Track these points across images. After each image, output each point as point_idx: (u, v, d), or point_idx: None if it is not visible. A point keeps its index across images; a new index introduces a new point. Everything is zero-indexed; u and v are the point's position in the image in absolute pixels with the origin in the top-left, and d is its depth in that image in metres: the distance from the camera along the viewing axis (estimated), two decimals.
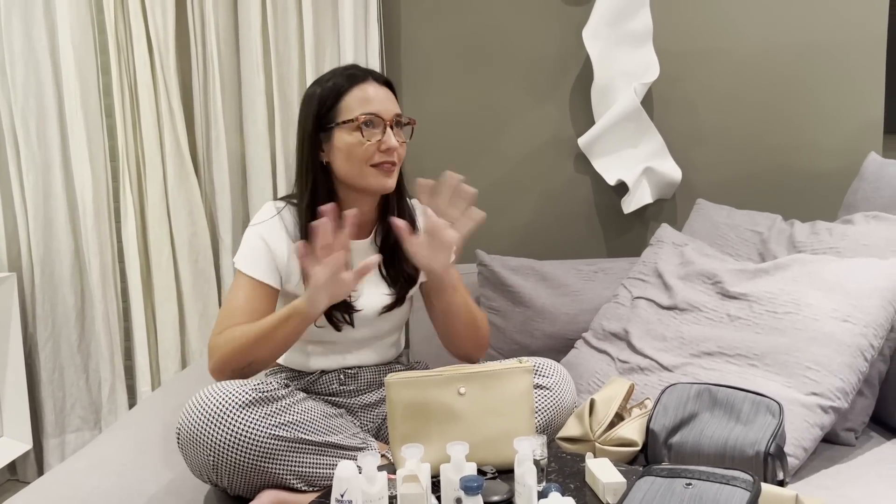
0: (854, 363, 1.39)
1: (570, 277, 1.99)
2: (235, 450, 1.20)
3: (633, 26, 2.05)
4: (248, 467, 1.21)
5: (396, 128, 1.42)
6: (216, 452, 1.20)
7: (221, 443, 1.19)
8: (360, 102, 1.39)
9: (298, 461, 1.25)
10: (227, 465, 1.21)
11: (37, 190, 2.19)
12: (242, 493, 1.28)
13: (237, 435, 1.20)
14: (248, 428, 1.20)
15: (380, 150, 1.38)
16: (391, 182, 1.41)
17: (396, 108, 1.43)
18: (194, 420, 1.21)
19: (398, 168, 1.44)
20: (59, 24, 2.12)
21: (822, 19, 2.10)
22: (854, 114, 2.14)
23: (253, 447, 1.20)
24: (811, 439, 1.34)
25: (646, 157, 2.10)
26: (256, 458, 1.21)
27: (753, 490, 0.91)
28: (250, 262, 1.41)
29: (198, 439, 1.21)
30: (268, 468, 1.22)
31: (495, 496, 1.09)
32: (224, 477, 1.23)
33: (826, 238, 1.67)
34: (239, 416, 1.20)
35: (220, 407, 1.20)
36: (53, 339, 2.26)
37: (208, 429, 1.20)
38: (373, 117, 1.38)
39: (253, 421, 1.21)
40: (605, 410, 1.39)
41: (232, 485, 1.25)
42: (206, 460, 1.21)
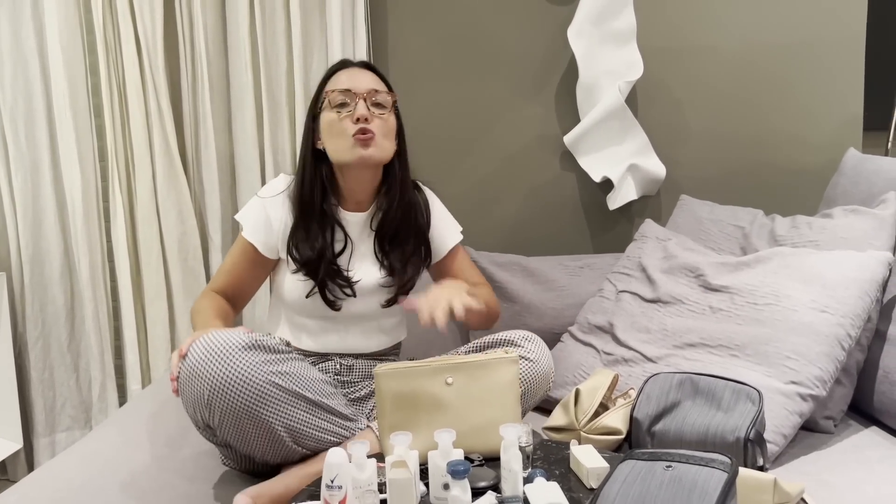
0: (832, 352, 1.43)
1: (557, 273, 2.02)
2: (232, 388, 1.22)
3: (617, 25, 2.07)
4: (240, 408, 1.23)
5: (373, 105, 1.47)
6: (213, 388, 1.22)
7: (219, 379, 1.22)
8: (335, 84, 1.49)
9: (290, 414, 1.28)
10: (221, 402, 1.23)
11: (26, 190, 2.20)
12: (231, 441, 1.30)
13: (235, 373, 1.22)
14: (247, 369, 1.24)
15: (353, 122, 1.44)
16: (370, 152, 1.45)
17: (373, 85, 1.49)
18: (197, 356, 1.24)
19: (383, 141, 1.47)
20: (47, 25, 2.13)
21: (803, 18, 2.14)
22: (834, 111, 2.18)
23: (249, 388, 1.23)
24: (790, 426, 1.37)
25: (630, 155, 2.13)
26: (251, 399, 1.23)
27: (731, 471, 0.93)
28: (249, 223, 1.54)
29: (197, 374, 1.23)
30: (260, 413, 1.24)
31: (482, 482, 1.12)
32: (216, 415, 1.25)
33: (806, 232, 1.71)
34: (240, 356, 1.24)
35: (222, 346, 1.24)
36: (43, 338, 2.26)
37: (209, 365, 1.22)
38: (346, 94, 1.46)
39: (252, 364, 1.24)
40: (589, 400, 1.42)
41: (222, 427, 1.27)
42: (201, 396, 1.23)
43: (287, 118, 2.20)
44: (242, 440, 1.29)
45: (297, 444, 1.30)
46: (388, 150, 1.49)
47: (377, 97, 1.47)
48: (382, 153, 1.48)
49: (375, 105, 1.47)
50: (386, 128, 1.48)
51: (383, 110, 1.48)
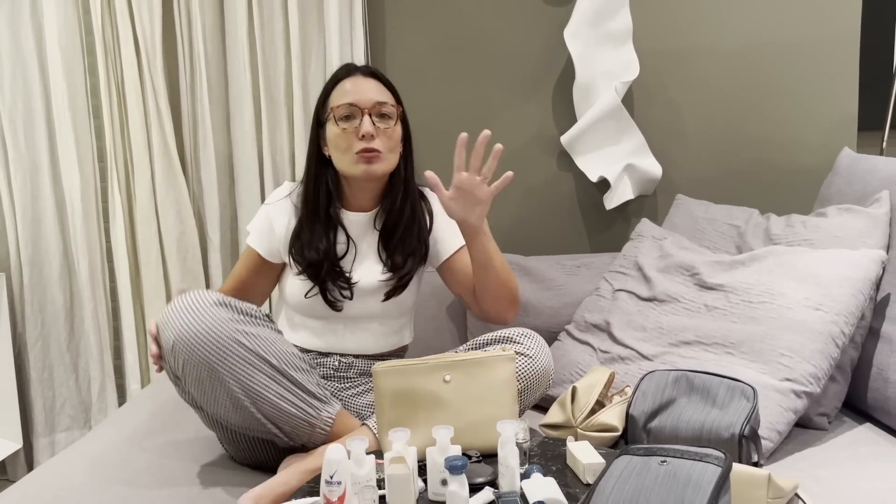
0: (826, 350, 1.44)
1: (554, 272, 2.03)
2: (195, 338, 1.25)
3: (613, 26, 2.09)
4: (201, 360, 1.26)
5: (378, 117, 1.47)
6: (178, 336, 1.26)
7: (185, 328, 1.26)
8: (341, 95, 1.49)
9: (250, 375, 1.29)
10: (184, 351, 1.26)
11: (25, 191, 2.21)
12: (196, 396, 1.33)
13: (200, 324, 1.26)
14: (213, 322, 1.27)
15: (358, 138, 1.45)
16: (374, 168, 1.46)
17: (380, 97, 1.48)
18: (170, 309, 1.29)
19: (388, 155, 1.48)
20: (45, 26, 2.14)
21: (798, 19, 2.16)
22: (829, 111, 2.19)
23: (211, 340, 1.26)
24: (785, 423, 1.39)
25: (627, 155, 2.14)
26: (211, 352, 1.26)
27: (724, 466, 0.95)
28: (254, 231, 1.58)
29: (166, 323, 1.28)
30: (218, 367, 1.27)
31: (479, 478, 1.13)
32: (180, 363, 1.28)
33: (800, 230, 1.72)
34: (208, 310, 1.28)
35: (193, 300, 1.29)
36: (43, 338, 2.27)
37: (178, 315, 1.27)
38: (351, 108, 1.46)
39: (219, 319, 1.28)
40: (586, 398, 1.43)
41: (186, 379, 1.30)
42: (167, 342, 1.27)
43: (286, 118, 2.21)
44: (204, 396, 1.32)
45: (256, 408, 1.31)
46: (392, 161, 1.51)
47: (383, 109, 1.47)
48: (387, 166, 1.49)
49: (381, 117, 1.47)
50: (391, 140, 1.49)
51: (388, 122, 1.48)
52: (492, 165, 1.41)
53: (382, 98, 1.49)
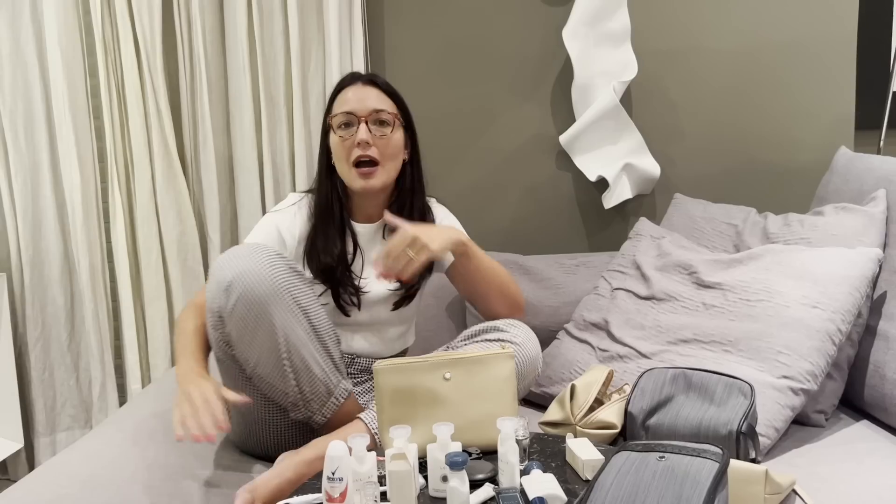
0: (823, 347, 1.45)
1: (553, 271, 2.04)
2: (254, 277, 1.28)
3: (611, 26, 2.10)
4: (255, 298, 1.28)
5: (376, 124, 1.48)
6: (237, 273, 1.29)
7: (245, 267, 1.29)
8: (341, 104, 1.51)
9: (293, 327, 1.32)
10: (240, 286, 1.28)
11: (25, 191, 2.21)
12: (234, 335, 1.33)
13: (261, 267, 1.30)
14: (272, 269, 1.31)
15: (355, 146, 1.46)
16: (371, 183, 1.48)
17: (378, 104, 1.49)
18: (233, 251, 1.33)
19: (387, 164, 1.49)
20: (46, 27, 2.14)
21: (795, 18, 2.17)
22: (826, 110, 2.20)
23: (268, 283, 1.29)
24: (782, 420, 1.40)
25: (625, 154, 2.15)
26: (266, 294, 1.29)
27: (722, 461, 0.96)
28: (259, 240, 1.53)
29: (226, 263, 1.30)
30: (271, 311, 1.29)
31: (480, 474, 1.14)
32: (232, 299, 1.29)
33: (798, 229, 1.73)
34: (269, 258, 1.31)
35: (259, 248, 1.33)
36: (43, 338, 2.28)
37: (242, 258, 1.30)
38: (348, 116, 1.48)
39: (278, 268, 1.32)
40: (585, 395, 1.44)
41: (233, 314, 1.30)
42: (224, 279, 1.29)
43: (285, 119, 2.22)
44: (244, 337, 1.32)
45: (289, 359, 1.33)
46: (391, 171, 1.51)
47: (380, 116, 1.48)
48: (385, 178, 1.50)
49: (378, 124, 1.48)
50: (389, 148, 1.49)
51: (386, 129, 1.49)
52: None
53: (380, 105, 1.49)
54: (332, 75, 2.14)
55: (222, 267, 1.31)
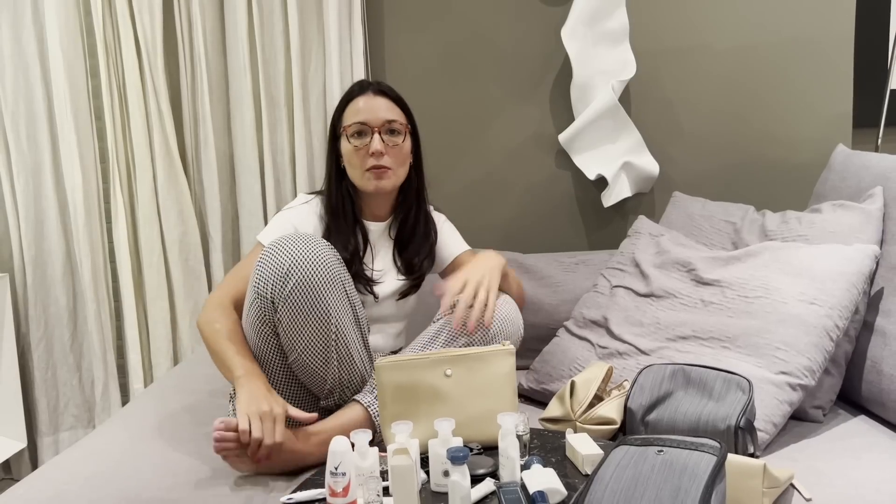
0: (820, 343, 1.46)
1: (553, 269, 2.05)
2: (313, 264, 1.32)
3: (610, 26, 2.11)
4: (312, 286, 1.32)
5: (388, 133, 1.55)
6: (294, 260, 1.32)
7: (303, 255, 1.33)
8: (353, 114, 1.57)
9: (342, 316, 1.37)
10: (298, 273, 1.31)
11: (27, 192, 2.23)
12: (286, 322, 1.35)
13: (319, 256, 1.34)
14: (329, 259, 1.35)
15: (368, 155, 1.53)
16: (383, 183, 1.55)
17: (389, 114, 1.56)
18: (287, 239, 1.35)
19: (398, 170, 1.57)
20: (47, 28, 2.16)
21: (793, 17, 2.18)
22: (824, 108, 2.21)
23: (326, 271, 1.34)
24: (780, 415, 1.41)
25: (624, 153, 2.16)
26: (324, 281, 1.33)
27: (720, 455, 0.97)
28: (271, 236, 1.54)
29: (282, 249, 1.33)
30: (327, 296, 1.33)
31: (481, 469, 1.15)
32: (289, 285, 1.31)
33: (795, 226, 1.75)
34: (325, 248, 1.36)
35: (312, 238, 1.37)
36: (46, 338, 2.29)
37: (297, 245, 1.34)
38: (361, 126, 1.55)
39: (333, 259, 1.37)
40: (584, 392, 1.45)
41: (289, 301, 1.32)
42: (281, 266, 1.32)
43: (286, 119, 2.23)
44: (294, 326, 1.34)
45: (336, 347, 1.37)
46: (401, 175, 1.59)
47: (392, 126, 1.56)
48: (396, 180, 1.58)
49: (390, 133, 1.56)
50: (401, 156, 1.57)
51: (397, 137, 1.56)
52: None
53: (391, 116, 1.56)
54: (332, 75, 2.15)
55: (277, 254, 1.34)
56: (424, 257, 1.67)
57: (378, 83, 1.62)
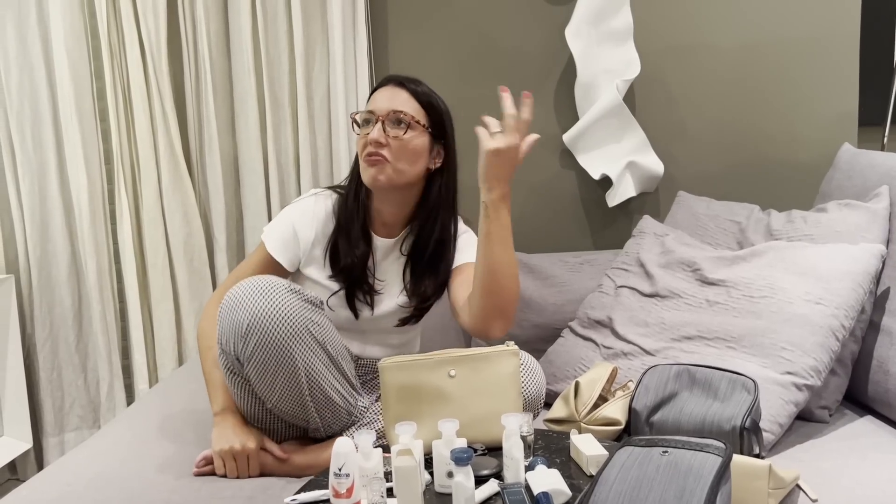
0: (826, 343, 1.45)
1: (557, 269, 2.05)
2: (272, 321, 1.28)
3: (614, 25, 2.10)
4: (275, 342, 1.28)
5: (391, 124, 1.45)
6: (253, 318, 1.28)
7: (261, 311, 1.28)
8: (368, 103, 1.51)
9: (313, 363, 1.33)
10: (258, 333, 1.28)
11: (33, 193, 2.23)
12: (254, 378, 1.34)
13: (277, 309, 1.29)
14: (289, 308, 1.30)
15: (369, 144, 1.45)
16: (374, 172, 1.44)
17: (399, 105, 1.46)
18: (242, 291, 1.30)
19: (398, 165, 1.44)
20: (52, 30, 2.16)
21: (798, 16, 2.17)
22: (829, 107, 2.20)
23: (287, 325, 1.29)
24: (786, 415, 1.40)
25: (629, 152, 2.16)
26: (286, 336, 1.29)
27: (725, 455, 0.96)
28: (274, 238, 1.53)
29: (240, 305, 1.29)
30: (292, 350, 1.29)
31: (485, 470, 1.15)
32: (250, 346, 1.29)
33: (801, 226, 1.74)
34: (283, 295, 1.30)
35: (267, 285, 1.31)
36: (52, 339, 2.29)
37: (252, 298, 1.29)
38: (368, 114, 1.48)
39: (294, 305, 1.31)
40: (589, 392, 1.45)
41: (252, 360, 1.31)
42: (240, 325, 1.29)
43: (290, 120, 2.23)
44: (266, 378, 1.33)
45: (311, 395, 1.35)
46: (404, 173, 1.46)
47: (398, 117, 1.45)
48: (395, 176, 1.45)
49: (394, 124, 1.45)
50: (404, 151, 1.45)
51: (399, 130, 1.44)
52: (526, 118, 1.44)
53: (402, 107, 1.46)
54: (336, 76, 2.15)
55: (235, 308, 1.29)
56: (440, 282, 1.53)
57: (406, 78, 1.51)
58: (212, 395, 1.47)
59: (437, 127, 1.51)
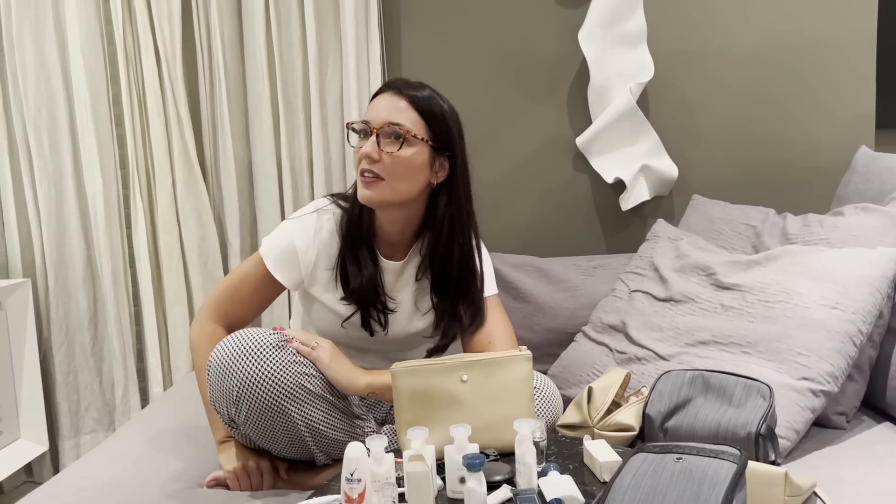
0: (843, 348, 1.44)
1: (570, 273, 2.04)
2: (261, 385, 1.26)
3: (627, 28, 2.10)
4: (268, 405, 1.27)
5: (387, 138, 1.34)
6: (242, 384, 1.26)
7: (251, 377, 1.26)
8: (367, 111, 1.41)
9: (311, 414, 1.32)
10: (249, 398, 1.27)
11: (49, 198, 2.25)
12: (254, 436, 1.34)
13: (265, 371, 1.27)
14: (277, 367, 1.28)
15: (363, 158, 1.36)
16: (369, 194, 1.35)
17: (396, 117, 1.35)
18: (227, 353, 1.28)
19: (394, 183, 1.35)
20: (69, 37, 2.18)
21: (814, 17, 2.15)
22: (846, 109, 2.18)
23: (278, 386, 1.27)
24: (802, 422, 1.39)
25: (642, 155, 2.15)
26: (279, 397, 1.27)
27: (740, 462, 0.95)
28: (273, 256, 1.46)
29: (227, 370, 1.27)
30: (287, 409, 1.28)
31: (497, 475, 1.14)
32: (243, 411, 1.28)
33: (817, 230, 1.72)
34: (271, 355, 1.28)
35: (254, 345, 1.28)
36: (67, 342, 2.31)
37: (240, 362, 1.26)
38: (362, 125, 1.37)
39: (282, 363, 1.28)
40: (602, 398, 1.44)
41: (248, 423, 1.30)
42: (230, 392, 1.27)
43: (303, 125, 2.24)
44: (265, 436, 1.33)
45: (314, 442, 1.34)
46: (400, 191, 1.36)
47: (393, 129, 1.34)
48: (389, 196, 1.36)
49: (392, 137, 1.34)
50: (399, 167, 1.34)
51: (393, 146, 1.34)
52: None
53: (398, 119, 1.34)
54: (350, 81, 2.16)
55: (223, 374, 1.27)
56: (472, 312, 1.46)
57: (407, 83, 1.39)
58: (212, 423, 1.45)
59: (440, 138, 1.39)
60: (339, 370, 1.34)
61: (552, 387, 1.44)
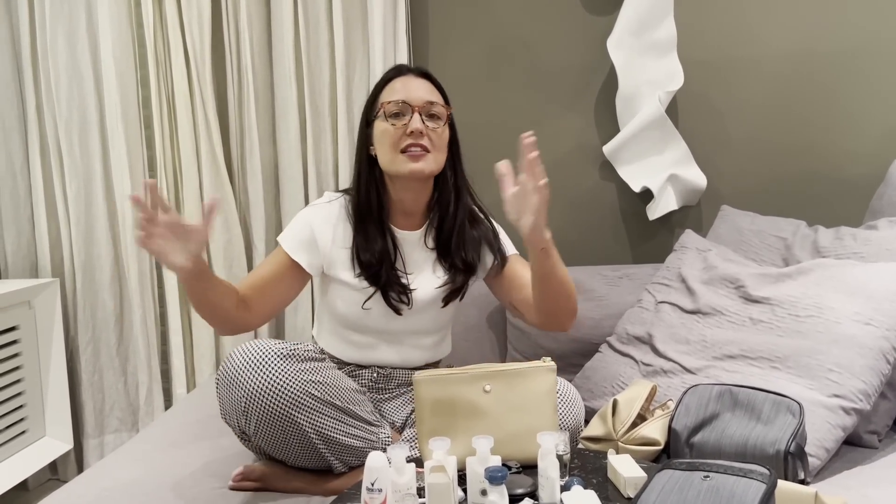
0: (876, 365, 1.40)
1: (596, 283, 2.02)
2: (269, 396, 1.27)
3: (657, 35, 2.07)
4: (276, 415, 1.28)
5: (428, 116, 1.46)
6: (249, 396, 1.28)
7: (256, 387, 1.27)
8: (391, 93, 1.48)
9: (321, 422, 1.32)
10: (257, 410, 1.28)
11: (79, 199, 2.28)
12: (265, 447, 1.35)
13: (272, 382, 1.28)
14: (284, 377, 1.29)
15: (406, 135, 1.44)
16: (420, 166, 1.44)
17: (430, 96, 1.47)
18: (234, 365, 1.29)
19: (437, 155, 1.46)
20: (101, 40, 2.21)
21: (846, 27, 2.11)
22: (879, 120, 2.14)
23: (285, 396, 1.28)
24: (833, 440, 1.36)
25: (671, 165, 2.12)
26: (287, 407, 1.28)
27: (769, 483, 0.93)
28: (290, 240, 1.51)
29: (235, 382, 1.29)
30: (296, 419, 1.29)
31: (519, 489, 1.13)
32: (252, 423, 1.30)
33: (850, 243, 1.69)
34: (276, 365, 1.29)
35: (259, 356, 1.29)
36: (94, 342, 2.34)
37: (246, 374, 1.28)
38: (402, 105, 1.45)
39: (289, 372, 1.29)
40: (627, 411, 1.42)
41: (258, 434, 1.31)
42: (238, 403, 1.29)
43: (330, 129, 2.24)
44: (276, 446, 1.34)
45: (328, 449, 1.35)
46: (440, 162, 1.48)
47: (433, 109, 1.46)
48: (434, 166, 1.47)
49: (430, 117, 1.46)
50: (440, 141, 1.47)
51: (437, 122, 1.47)
52: (535, 170, 1.31)
53: (433, 98, 1.47)
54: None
55: (231, 385, 1.30)
56: (473, 253, 1.54)
57: (420, 67, 1.54)
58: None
59: (451, 115, 1.53)
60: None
61: (573, 391, 1.43)
